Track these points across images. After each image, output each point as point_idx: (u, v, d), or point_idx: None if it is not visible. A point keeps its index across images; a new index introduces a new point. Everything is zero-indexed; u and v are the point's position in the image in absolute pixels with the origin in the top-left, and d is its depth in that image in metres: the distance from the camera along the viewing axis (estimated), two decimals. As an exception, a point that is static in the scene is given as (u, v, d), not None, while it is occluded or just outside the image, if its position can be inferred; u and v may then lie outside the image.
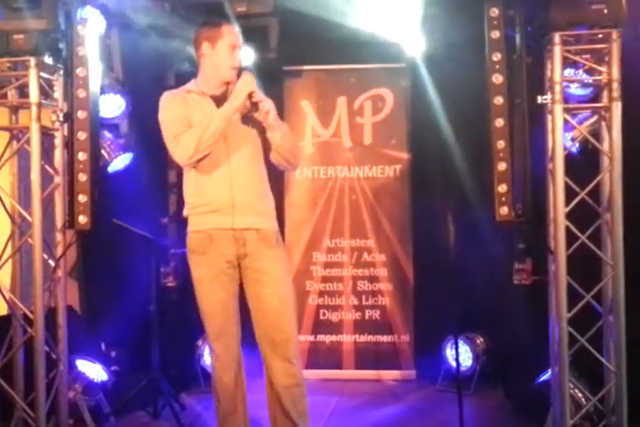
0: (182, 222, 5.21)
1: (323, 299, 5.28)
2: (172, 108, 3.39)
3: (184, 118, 3.34)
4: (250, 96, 3.23)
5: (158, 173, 5.30)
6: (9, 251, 3.93)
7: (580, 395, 3.66)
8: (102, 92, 4.18)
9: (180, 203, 5.33)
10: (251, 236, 3.31)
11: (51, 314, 3.91)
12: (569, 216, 3.56)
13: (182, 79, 5.31)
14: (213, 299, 3.32)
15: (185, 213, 3.45)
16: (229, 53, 3.35)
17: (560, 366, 3.52)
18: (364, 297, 5.26)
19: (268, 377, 3.34)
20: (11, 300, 3.89)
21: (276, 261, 3.35)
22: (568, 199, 3.58)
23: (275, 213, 3.46)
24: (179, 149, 3.29)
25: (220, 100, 3.36)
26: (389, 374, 5.20)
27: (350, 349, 5.24)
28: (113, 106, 4.56)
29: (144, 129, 4.85)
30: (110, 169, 4.47)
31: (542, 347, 3.83)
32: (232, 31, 3.38)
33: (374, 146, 5.32)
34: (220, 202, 3.30)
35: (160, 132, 5.24)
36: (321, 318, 5.26)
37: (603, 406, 3.63)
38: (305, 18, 4.60)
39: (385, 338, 5.22)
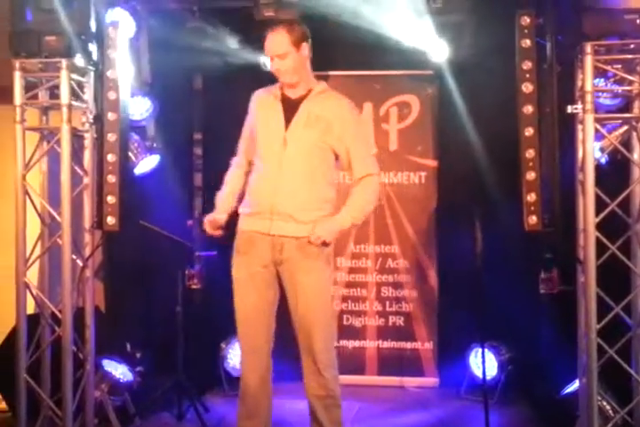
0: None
1: (346, 304, 5.25)
2: (248, 116, 3.47)
3: (248, 130, 3.45)
4: None
5: (184, 176, 5.32)
6: (38, 251, 3.96)
7: (607, 407, 3.63)
8: (131, 94, 4.20)
9: (205, 205, 5.39)
10: (289, 243, 3.26)
11: (78, 314, 3.93)
12: (598, 227, 3.54)
13: (210, 82, 5.38)
14: (246, 299, 3.32)
15: (239, 209, 3.44)
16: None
17: (589, 377, 3.49)
18: (387, 303, 5.23)
19: (304, 384, 3.37)
20: (39, 299, 3.92)
21: (312, 271, 3.27)
22: (597, 210, 3.55)
23: None
24: None
25: (291, 103, 3.33)
26: (412, 381, 5.18)
27: (373, 355, 5.22)
28: (140, 108, 4.59)
29: (171, 132, 4.89)
30: (137, 171, 4.50)
31: (568, 357, 3.82)
32: (266, 40, 3.34)
33: (400, 152, 5.30)
34: (261, 206, 3.29)
35: (186, 135, 5.28)
36: (344, 323, 5.24)
37: (631, 418, 3.60)
38: (331, 23, 4.59)
39: (408, 345, 5.19)
